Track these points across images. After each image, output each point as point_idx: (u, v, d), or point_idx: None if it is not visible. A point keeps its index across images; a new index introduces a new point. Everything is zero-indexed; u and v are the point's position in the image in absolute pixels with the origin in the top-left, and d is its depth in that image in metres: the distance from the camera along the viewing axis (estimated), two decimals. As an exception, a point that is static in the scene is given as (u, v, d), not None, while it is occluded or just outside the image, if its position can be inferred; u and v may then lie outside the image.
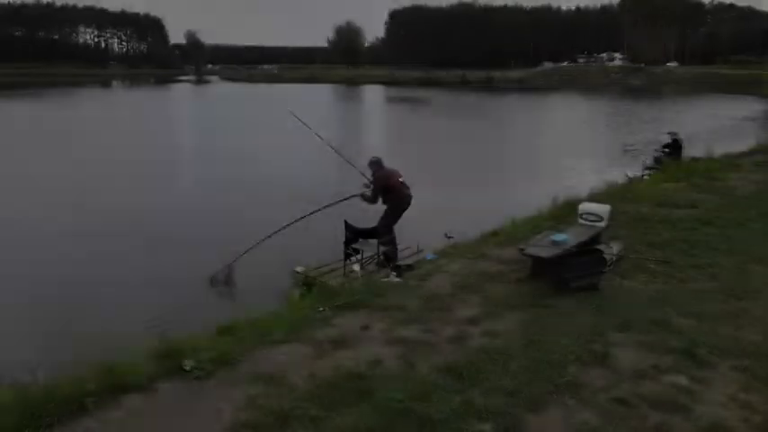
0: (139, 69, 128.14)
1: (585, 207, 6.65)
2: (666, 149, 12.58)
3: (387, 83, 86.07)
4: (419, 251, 7.50)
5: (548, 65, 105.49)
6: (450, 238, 7.98)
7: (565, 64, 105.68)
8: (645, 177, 12.18)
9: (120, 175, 15.45)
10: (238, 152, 19.59)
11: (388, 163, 7.42)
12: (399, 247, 7.22)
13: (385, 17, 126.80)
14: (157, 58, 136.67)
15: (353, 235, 6.97)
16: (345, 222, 7.02)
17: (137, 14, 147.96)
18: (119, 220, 10.82)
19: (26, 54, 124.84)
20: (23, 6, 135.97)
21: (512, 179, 16.11)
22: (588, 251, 5.42)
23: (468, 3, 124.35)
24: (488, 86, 78.41)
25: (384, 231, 6.88)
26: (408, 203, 6.96)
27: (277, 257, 7.62)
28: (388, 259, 6.87)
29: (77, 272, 8.24)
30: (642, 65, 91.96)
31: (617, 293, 5.26)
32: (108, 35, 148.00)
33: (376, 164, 7.05)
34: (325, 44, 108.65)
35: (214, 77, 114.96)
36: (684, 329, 4.48)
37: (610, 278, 5.65)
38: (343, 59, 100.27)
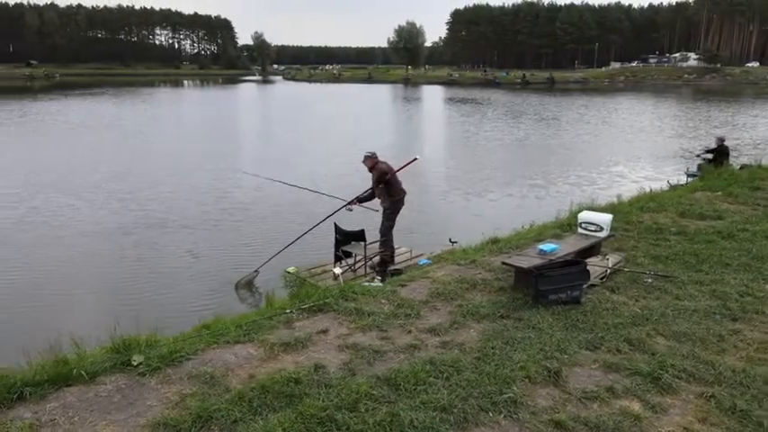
0: (209, 70, 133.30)
1: (585, 216, 6.34)
2: (710, 155, 11.83)
3: (446, 83, 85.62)
4: (414, 256, 7.40)
5: (615, 65, 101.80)
6: (454, 243, 7.86)
7: (634, 64, 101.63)
8: (687, 185, 11.53)
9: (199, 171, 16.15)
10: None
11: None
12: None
13: (447, 17, 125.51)
14: (226, 58, 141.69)
15: (343, 237, 6.95)
16: (335, 225, 7.01)
17: (209, 16, 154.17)
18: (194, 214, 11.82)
19: (106, 55, 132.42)
20: (105, 10, 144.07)
21: (554, 184, 15.68)
22: (571, 263, 5.16)
23: (532, 1, 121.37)
24: (549, 87, 76.39)
25: (385, 233, 6.84)
26: (403, 202, 6.92)
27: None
28: (384, 263, 6.82)
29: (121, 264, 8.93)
30: (718, 65, 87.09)
31: (599, 308, 4.98)
32: (181, 37, 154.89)
33: (371, 158, 7.02)
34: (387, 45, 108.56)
35: (278, 78, 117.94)
36: (659, 351, 4.19)
37: (598, 292, 5.38)
38: (402, 60, 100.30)
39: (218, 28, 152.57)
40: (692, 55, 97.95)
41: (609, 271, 5.66)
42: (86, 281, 8.69)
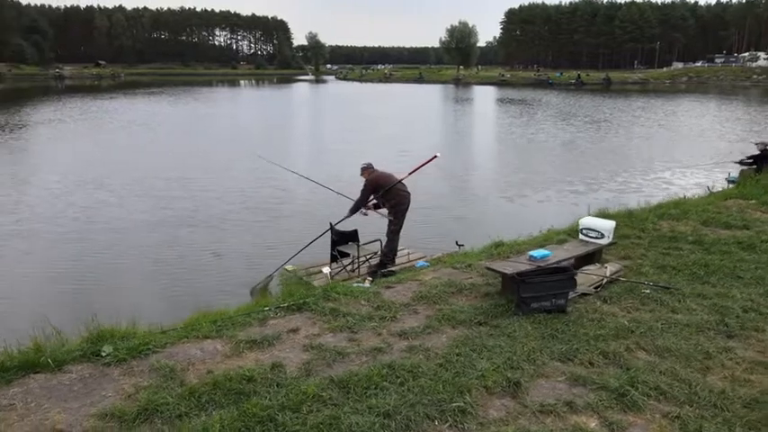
0: (264, 70, 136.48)
1: (586, 222, 6.10)
2: (750, 161, 11.15)
3: (497, 84, 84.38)
4: (414, 258, 7.33)
5: (677, 65, 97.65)
6: (460, 246, 7.73)
7: (698, 64, 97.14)
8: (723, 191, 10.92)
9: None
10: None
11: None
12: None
13: (501, 17, 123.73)
14: (281, 58, 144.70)
15: (338, 237, 6.96)
16: (331, 225, 7.02)
17: (266, 17, 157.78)
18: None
19: (168, 56, 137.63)
20: (168, 12, 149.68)
21: (594, 190, 15.20)
22: (557, 270, 4.96)
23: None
24: (606, 89, 73.96)
25: (391, 238, 6.84)
26: (408, 202, 6.91)
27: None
28: (383, 264, 6.80)
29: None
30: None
31: (584, 319, 4.78)
32: (239, 37, 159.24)
33: (366, 169, 7.06)
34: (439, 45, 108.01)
35: (330, 77, 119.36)
36: (635, 365, 3.98)
37: (589, 301, 5.16)
38: (454, 60, 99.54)
39: (274, 29, 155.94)
40: (763, 54, 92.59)
41: (605, 280, 5.41)
42: (101, 273, 9.03)
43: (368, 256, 6.91)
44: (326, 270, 6.72)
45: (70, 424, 3.30)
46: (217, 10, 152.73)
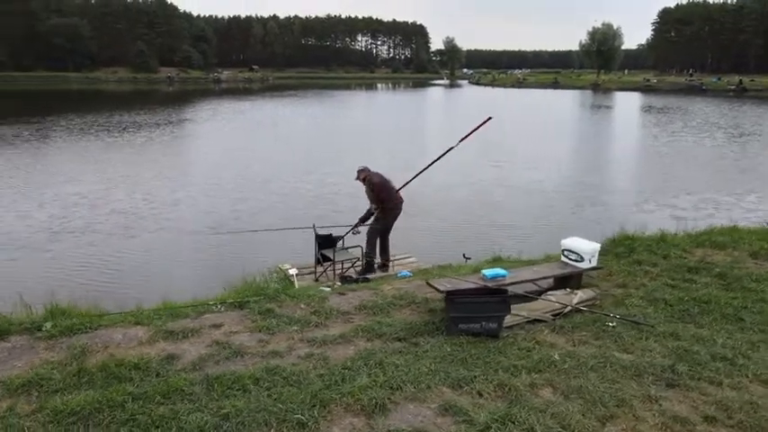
0: (400, 73, 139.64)
1: (567, 243, 5.57)
2: None
3: (641, 89, 78.24)
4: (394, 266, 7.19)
5: None
6: (467, 259, 7.44)
7: None
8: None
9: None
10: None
11: None
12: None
13: (652, 17, 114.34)
14: (417, 62, 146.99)
15: (320, 240, 7.01)
16: (314, 227, 7.09)
17: (405, 23, 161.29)
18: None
19: (313, 60, 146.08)
20: (316, 19, 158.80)
21: (700, 207, 13.69)
22: (492, 291, 4.61)
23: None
24: (772, 96, 65.22)
25: (371, 236, 6.85)
26: (400, 206, 6.86)
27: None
28: (370, 266, 6.79)
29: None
30: None
31: (514, 347, 4.40)
32: (379, 42, 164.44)
33: (362, 171, 7.06)
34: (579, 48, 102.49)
35: (464, 81, 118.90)
36: (527, 403, 3.60)
37: (536, 329, 4.74)
38: (594, 64, 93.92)
39: (413, 33, 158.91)
40: None
41: (568, 308, 4.92)
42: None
43: (353, 261, 6.91)
44: (293, 271, 6.83)
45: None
46: (360, 16, 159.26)
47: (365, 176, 7.04)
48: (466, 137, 6.38)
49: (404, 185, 7.37)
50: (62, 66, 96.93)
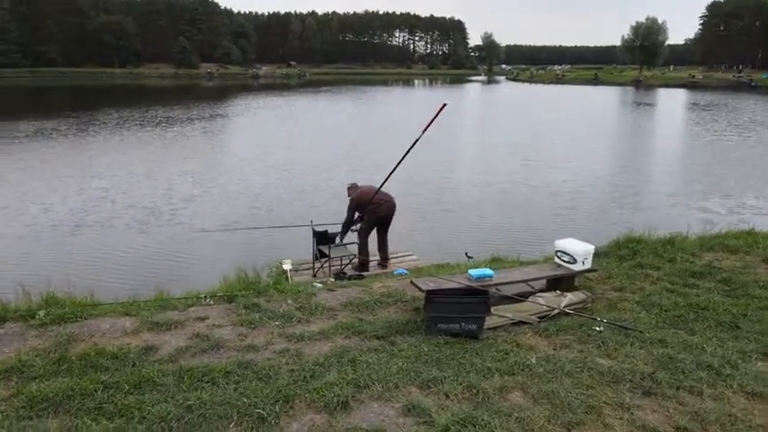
0: (437, 70, 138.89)
1: (560, 244, 5.43)
2: None
3: (686, 86, 75.72)
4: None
5: None
6: (470, 258, 7.37)
7: None
8: None
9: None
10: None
11: None
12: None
13: (700, 12, 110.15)
14: (455, 58, 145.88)
15: (317, 237, 7.05)
16: (311, 224, 7.12)
17: (443, 18, 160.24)
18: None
19: (351, 56, 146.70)
20: (354, 15, 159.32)
21: (729, 207, 13.21)
22: (472, 292, 4.55)
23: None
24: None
25: (359, 235, 6.91)
26: (387, 208, 6.91)
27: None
28: (363, 265, 6.82)
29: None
30: None
31: (492, 349, 4.32)
32: (416, 38, 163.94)
33: (351, 188, 7.17)
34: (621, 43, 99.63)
35: (501, 78, 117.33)
36: (493, 407, 3.54)
37: (519, 331, 4.65)
38: (636, 59, 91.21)
39: (451, 29, 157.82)
40: None
41: (555, 311, 4.81)
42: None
43: (350, 258, 6.91)
44: (287, 266, 6.88)
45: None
46: (398, 12, 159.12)
47: (351, 193, 7.22)
48: (427, 127, 6.37)
49: (380, 186, 7.32)
50: (108, 62, 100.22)
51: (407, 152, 6.58)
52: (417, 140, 6.42)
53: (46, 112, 34.98)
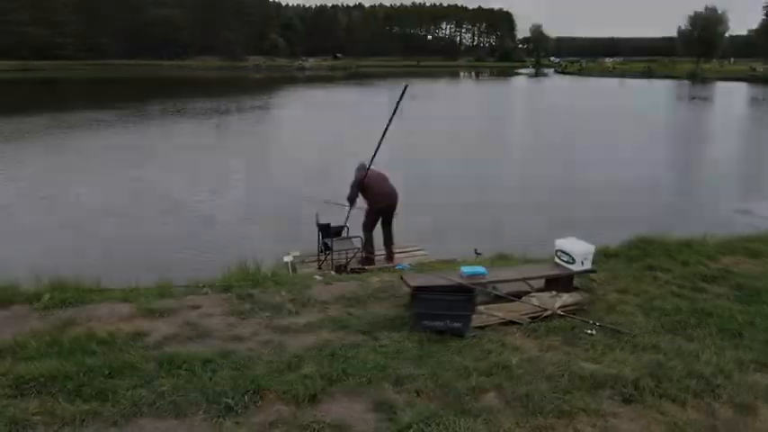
0: (484, 62, 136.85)
1: (560, 243, 5.27)
2: None
3: (747, 79, 72.08)
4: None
5: None
6: (478, 254, 7.28)
7: None
8: None
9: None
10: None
11: None
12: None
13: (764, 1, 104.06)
14: (502, 50, 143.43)
15: (321, 229, 7.08)
16: (316, 216, 7.14)
17: (491, 10, 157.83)
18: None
19: (396, 48, 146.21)
20: (402, 7, 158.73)
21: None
22: (460, 289, 4.48)
23: None
24: None
25: (363, 230, 6.89)
26: (389, 200, 6.87)
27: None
28: (368, 260, 6.82)
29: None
30: None
31: (476, 349, 4.25)
32: (463, 30, 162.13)
33: (358, 170, 7.12)
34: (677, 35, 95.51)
35: (549, 70, 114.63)
36: (466, 407, 3.49)
37: (509, 332, 4.56)
38: (694, 51, 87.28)
39: (498, 21, 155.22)
40: None
41: (547, 312, 4.69)
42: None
43: (354, 252, 6.91)
44: (288, 258, 6.93)
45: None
46: (444, 4, 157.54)
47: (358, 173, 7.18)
48: (394, 113, 6.49)
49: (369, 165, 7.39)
50: (158, 54, 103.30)
51: (383, 136, 6.99)
52: (388, 127, 6.91)
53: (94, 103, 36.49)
